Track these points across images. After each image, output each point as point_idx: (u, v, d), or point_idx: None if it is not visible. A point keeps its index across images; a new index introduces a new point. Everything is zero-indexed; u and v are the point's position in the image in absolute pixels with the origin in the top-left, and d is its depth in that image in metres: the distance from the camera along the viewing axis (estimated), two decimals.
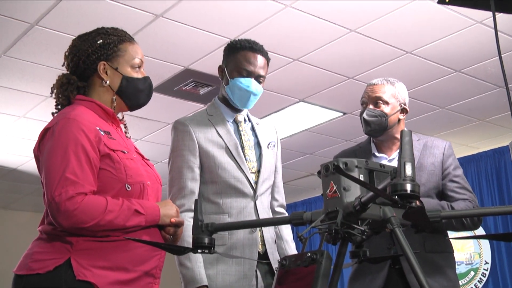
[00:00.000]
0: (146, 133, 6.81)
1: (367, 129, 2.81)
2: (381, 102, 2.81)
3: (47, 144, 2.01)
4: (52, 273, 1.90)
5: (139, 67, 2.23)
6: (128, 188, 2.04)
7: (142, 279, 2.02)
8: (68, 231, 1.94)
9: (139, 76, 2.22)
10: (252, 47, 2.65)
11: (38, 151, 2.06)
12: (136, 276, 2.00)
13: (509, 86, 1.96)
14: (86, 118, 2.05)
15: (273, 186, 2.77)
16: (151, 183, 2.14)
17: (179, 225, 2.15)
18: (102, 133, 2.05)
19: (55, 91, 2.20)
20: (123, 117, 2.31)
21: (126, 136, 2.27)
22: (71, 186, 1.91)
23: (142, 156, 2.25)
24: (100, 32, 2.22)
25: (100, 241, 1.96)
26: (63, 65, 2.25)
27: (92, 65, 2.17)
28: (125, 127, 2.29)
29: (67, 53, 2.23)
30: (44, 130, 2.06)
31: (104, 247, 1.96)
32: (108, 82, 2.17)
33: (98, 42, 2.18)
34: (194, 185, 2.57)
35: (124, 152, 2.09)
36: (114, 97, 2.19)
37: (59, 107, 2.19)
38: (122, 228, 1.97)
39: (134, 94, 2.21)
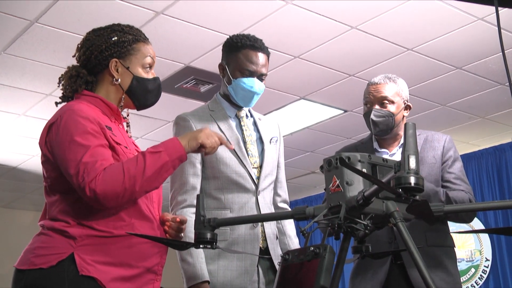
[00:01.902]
0: (147, 131, 6.81)
1: (376, 130, 2.79)
2: (387, 101, 2.80)
3: (55, 139, 1.99)
4: (55, 268, 1.89)
5: (150, 67, 2.22)
6: None
7: (144, 275, 2.02)
8: (115, 207, 1.93)
9: (150, 76, 2.21)
10: (253, 45, 2.63)
11: (44, 146, 2.04)
12: (139, 273, 2.00)
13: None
14: (89, 111, 2.04)
15: (276, 182, 2.77)
16: None
17: (182, 222, 2.15)
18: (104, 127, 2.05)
19: (62, 81, 2.19)
20: (128, 115, 2.30)
21: (129, 134, 2.26)
22: (91, 167, 1.89)
23: None
24: (116, 29, 2.20)
25: (103, 237, 1.95)
26: (73, 56, 2.23)
27: (104, 61, 2.15)
28: (127, 126, 2.28)
29: (79, 45, 2.22)
30: (49, 125, 2.04)
31: (107, 242, 1.96)
32: (119, 80, 2.16)
33: (113, 39, 2.16)
34: (195, 181, 2.56)
35: (126, 148, 2.09)
36: (123, 96, 2.18)
37: (65, 98, 2.19)
38: (151, 174, 1.93)
39: (143, 94, 2.20)
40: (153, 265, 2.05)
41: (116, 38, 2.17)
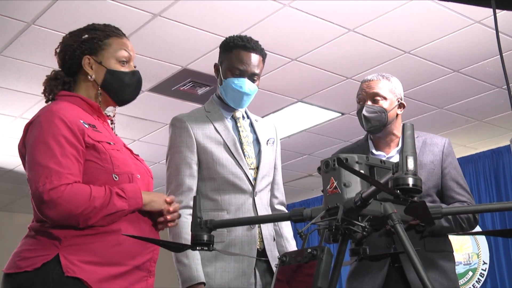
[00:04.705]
0: (144, 133, 6.79)
1: (368, 126, 2.78)
2: (379, 97, 2.79)
3: (30, 138, 1.99)
4: (40, 270, 1.87)
5: (127, 61, 2.20)
6: (116, 178, 2.01)
7: (134, 273, 1.99)
8: (57, 224, 1.91)
9: (126, 70, 2.19)
10: (245, 45, 2.62)
11: (23, 147, 2.04)
12: (128, 270, 1.98)
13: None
14: (68, 111, 2.03)
15: (272, 184, 2.76)
16: (141, 176, 2.12)
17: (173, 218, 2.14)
18: (86, 125, 2.03)
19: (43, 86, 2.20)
20: (114, 115, 2.28)
21: (114, 132, 2.23)
22: (55, 176, 1.89)
23: (131, 151, 2.22)
24: (88, 28, 2.21)
25: (89, 235, 1.93)
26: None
27: (77, 60, 2.16)
28: (111, 123, 2.26)
29: (57, 50, 2.23)
30: (27, 125, 2.04)
31: (93, 241, 1.93)
32: (93, 76, 2.15)
33: (83, 37, 2.17)
34: (192, 182, 2.56)
35: (109, 144, 2.07)
36: (99, 91, 2.16)
37: (47, 101, 2.19)
38: (108, 214, 1.93)
39: (119, 88, 2.18)
40: (144, 262, 2.03)
41: (86, 35, 2.17)
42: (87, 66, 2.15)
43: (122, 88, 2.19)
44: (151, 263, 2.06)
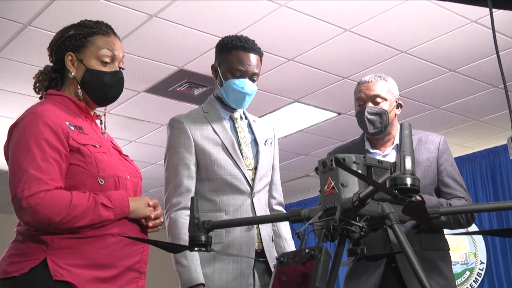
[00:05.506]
0: (141, 134, 6.78)
1: (371, 128, 2.77)
2: (380, 99, 2.79)
3: (13, 141, 1.97)
4: (27, 275, 1.84)
5: (110, 61, 2.14)
6: (101, 182, 1.98)
7: (125, 275, 1.98)
8: (38, 230, 1.89)
9: (108, 69, 2.13)
10: (244, 46, 2.62)
11: (8, 149, 2.01)
12: (118, 273, 1.96)
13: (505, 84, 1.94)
14: (53, 113, 2.00)
15: (270, 184, 2.76)
16: (130, 177, 2.10)
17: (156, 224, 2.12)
18: (72, 128, 2.00)
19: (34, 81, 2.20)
20: (105, 115, 2.25)
21: (102, 132, 2.20)
22: (34, 182, 1.86)
23: (120, 152, 2.20)
24: (77, 24, 2.18)
25: (77, 238, 1.91)
26: None
27: (61, 56, 2.13)
28: (101, 123, 2.22)
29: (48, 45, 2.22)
30: (12, 127, 2.02)
31: (81, 244, 1.91)
32: (73, 73, 2.11)
33: (69, 33, 2.14)
34: (190, 183, 2.55)
35: (95, 146, 2.03)
36: (79, 90, 2.12)
37: (41, 99, 2.18)
38: (90, 224, 1.91)
39: (97, 87, 2.12)
40: (133, 263, 2.01)
41: (72, 31, 2.14)
42: (69, 63, 2.12)
43: (102, 87, 2.13)
44: (141, 264, 2.04)
